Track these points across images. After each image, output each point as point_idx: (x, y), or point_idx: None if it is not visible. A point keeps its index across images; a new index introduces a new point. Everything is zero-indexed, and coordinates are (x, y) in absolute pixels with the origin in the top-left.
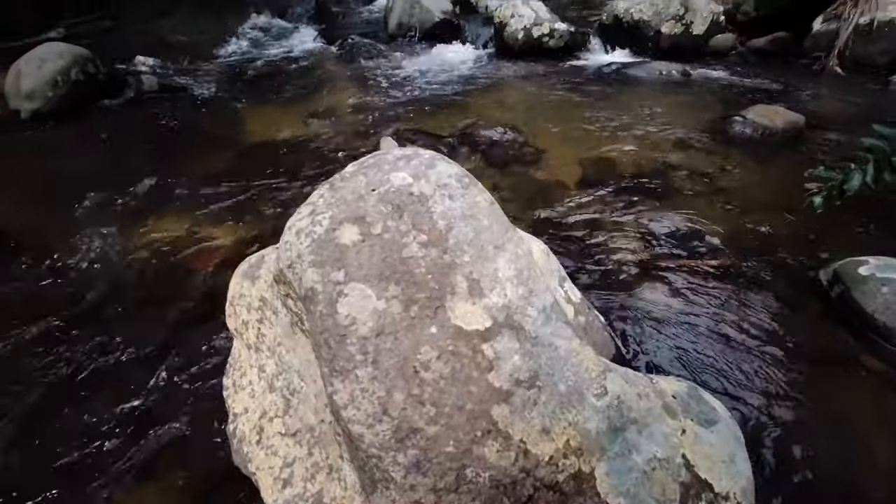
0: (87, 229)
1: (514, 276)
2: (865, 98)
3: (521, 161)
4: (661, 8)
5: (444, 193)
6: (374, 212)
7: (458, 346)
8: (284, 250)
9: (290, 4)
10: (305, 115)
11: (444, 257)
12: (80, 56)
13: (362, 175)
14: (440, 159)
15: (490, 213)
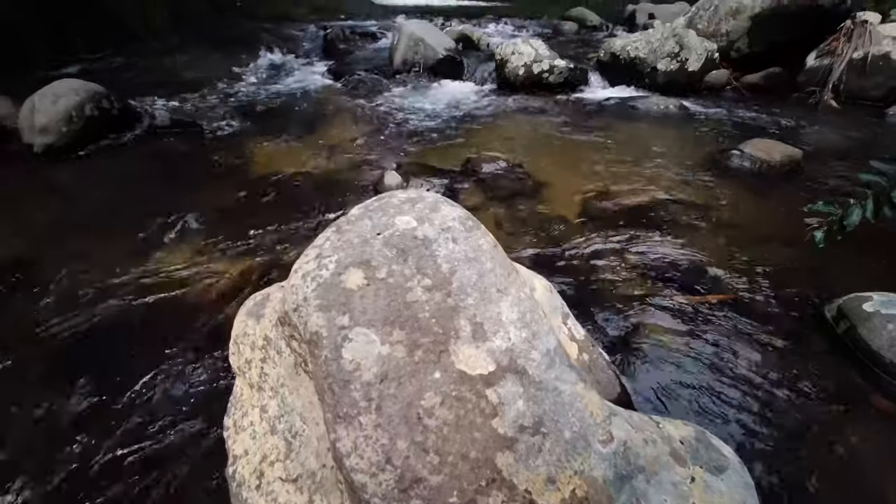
0: (93, 263)
1: (518, 319)
2: (861, 131)
3: (523, 194)
4: (657, 46)
5: (448, 237)
6: (380, 256)
7: (462, 392)
8: (290, 293)
9: (300, 42)
10: (312, 148)
11: (447, 301)
12: (96, 92)
13: (368, 219)
14: (444, 202)
15: (493, 256)
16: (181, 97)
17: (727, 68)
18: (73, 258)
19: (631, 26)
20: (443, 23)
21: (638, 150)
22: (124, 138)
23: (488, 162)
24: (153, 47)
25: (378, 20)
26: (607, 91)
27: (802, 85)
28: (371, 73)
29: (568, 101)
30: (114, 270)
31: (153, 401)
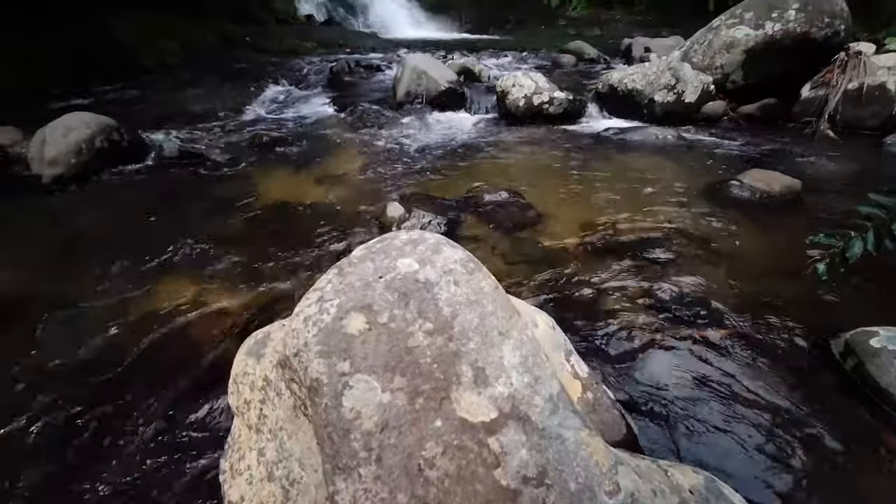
0: (95, 295)
1: (520, 363)
2: (859, 160)
3: (525, 225)
4: (653, 78)
5: (450, 279)
6: (381, 300)
7: (464, 441)
8: (292, 338)
9: (306, 74)
10: (316, 179)
11: (449, 345)
12: (107, 125)
13: (370, 261)
14: (445, 243)
15: (494, 299)
16: (190, 129)
17: (723, 99)
18: (75, 290)
19: (628, 59)
20: (445, 56)
21: (637, 181)
22: (132, 170)
23: (490, 193)
24: (165, 80)
25: (382, 53)
26: (606, 122)
27: (798, 115)
28: (375, 104)
29: (568, 131)
30: (115, 303)
31: (149, 439)
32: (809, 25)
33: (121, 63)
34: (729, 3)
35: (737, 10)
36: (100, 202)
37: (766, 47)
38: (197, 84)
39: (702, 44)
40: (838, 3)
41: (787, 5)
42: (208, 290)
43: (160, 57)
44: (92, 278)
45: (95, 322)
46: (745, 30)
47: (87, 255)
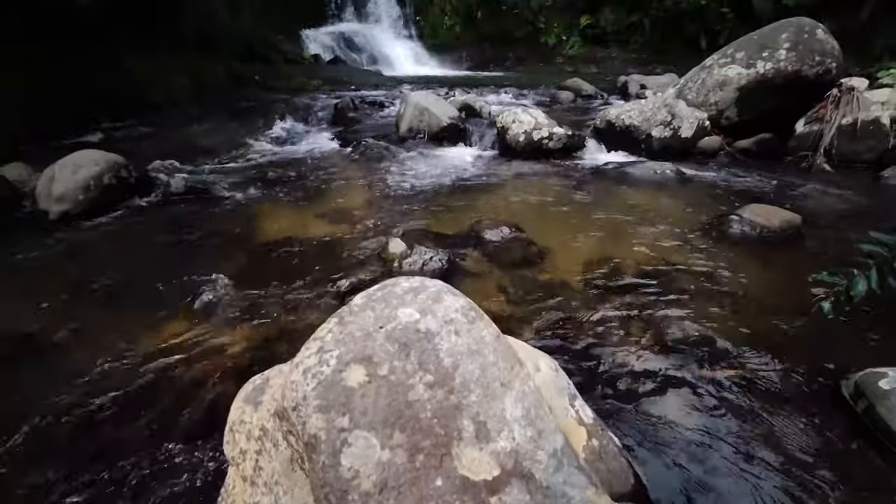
0: (95, 334)
1: (522, 416)
2: (858, 194)
3: (527, 261)
4: (650, 115)
5: (451, 329)
6: (382, 351)
7: (466, 501)
8: (290, 390)
9: (312, 111)
10: (319, 214)
11: (450, 398)
12: (115, 162)
13: (370, 310)
14: (446, 292)
15: (495, 348)
16: (197, 164)
17: (718, 135)
18: (75, 329)
19: (624, 95)
20: (447, 92)
21: (638, 215)
22: (139, 205)
23: (491, 228)
24: (175, 117)
25: (386, 90)
26: (605, 156)
27: (794, 149)
28: (378, 139)
29: (567, 165)
30: (114, 342)
31: (140, 485)
32: (801, 64)
33: (132, 100)
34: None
35: (728, 50)
36: (105, 239)
37: (759, 85)
38: (205, 120)
39: (695, 82)
40: (829, 42)
41: (777, 45)
42: (209, 327)
43: (171, 94)
44: (93, 316)
45: (94, 361)
46: (736, 69)
47: (89, 293)
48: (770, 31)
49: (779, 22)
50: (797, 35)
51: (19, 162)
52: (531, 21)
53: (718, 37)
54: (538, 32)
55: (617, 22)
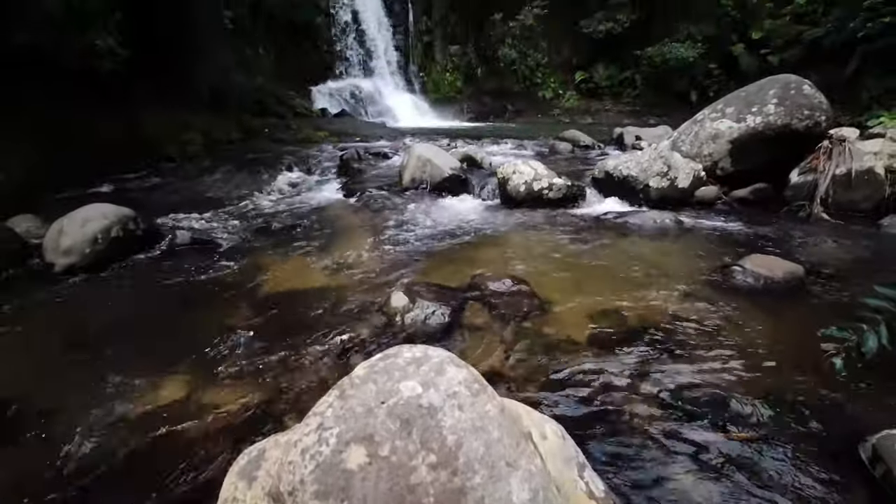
0: (91, 392)
1: (529, 499)
2: (858, 244)
3: (530, 315)
4: (646, 166)
5: (454, 403)
6: (383, 429)
7: None
8: (287, 472)
9: (318, 162)
10: (322, 266)
11: (454, 480)
12: (124, 216)
13: (372, 383)
14: (449, 362)
15: (500, 423)
16: (204, 216)
17: (715, 184)
18: (69, 386)
19: (620, 146)
20: (448, 143)
21: (639, 266)
22: (144, 258)
23: (493, 280)
24: (186, 169)
25: (390, 142)
26: (604, 206)
27: (790, 199)
28: (382, 190)
29: (568, 215)
30: (108, 402)
31: None
32: (790, 118)
33: (145, 153)
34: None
35: (718, 105)
36: (107, 293)
37: (750, 138)
38: (215, 172)
39: (688, 134)
40: (816, 97)
41: (765, 101)
42: (206, 387)
43: (183, 147)
44: (88, 373)
45: (86, 422)
46: (727, 122)
47: (85, 348)
48: (757, 87)
49: (765, 79)
50: (784, 91)
51: (30, 214)
52: (528, 77)
53: (708, 90)
54: (535, 87)
55: (610, 77)
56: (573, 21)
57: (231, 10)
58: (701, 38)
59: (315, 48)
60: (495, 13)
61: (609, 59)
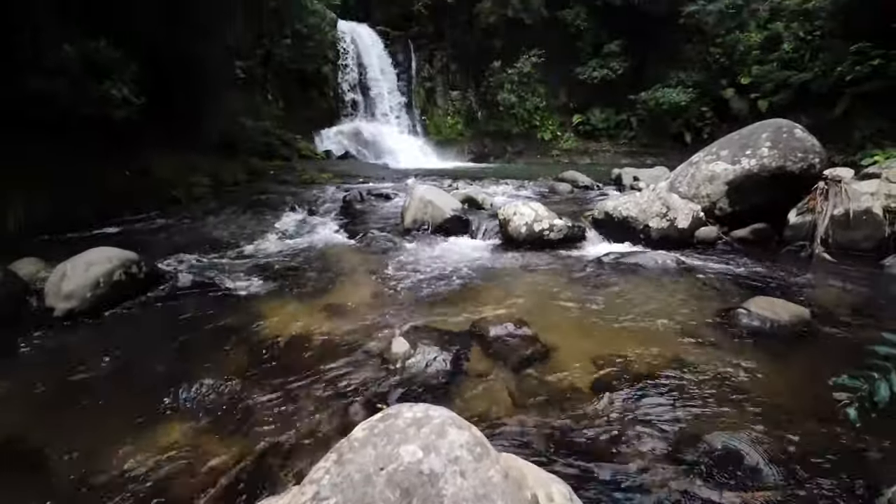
0: (76, 442)
1: None
2: (861, 284)
3: (533, 360)
4: (646, 207)
5: (456, 469)
6: (381, 500)
7: None
8: None
9: (321, 203)
10: (323, 309)
11: None
12: (128, 259)
13: (371, 447)
14: (451, 423)
15: (504, 491)
16: (207, 257)
17: (714, 224)
18: (57, 436)
19: (619, 186)
20: (449, 184)
21: (643, 308)
22: (145, 302)
23: (495, 324)
24: (191, 211)
25: (392, 183)
26: (605, 246)
27: (791, 239)
28: (384, 231)
29: (569, 256)
30: (97, 453)
31: None
32: (784, 160)
33: (153, 195)
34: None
35: (713, 148)
36: (104, 338)
37: (746, 179)
38: (220, 213)
39: (685, 176)
40: (808, 140)
41: (758, 144)
42: (200, 437)
43: (190, 190)
44: (77, 423)
45: (71, 474)
46: (723, 165)
47: (77, 397)
48: (749, 131)
49: (757, 124)
50: (776, 135)
51: (34, 257)
52: (527, 119)
53: (701, 132)
54: (534, 129)
55: (606, 120)
56: (569, 68)
57: (243, 60)
58: (691, 83)
59: (322, 94)
60: (494, 61)
61: (605, 102)
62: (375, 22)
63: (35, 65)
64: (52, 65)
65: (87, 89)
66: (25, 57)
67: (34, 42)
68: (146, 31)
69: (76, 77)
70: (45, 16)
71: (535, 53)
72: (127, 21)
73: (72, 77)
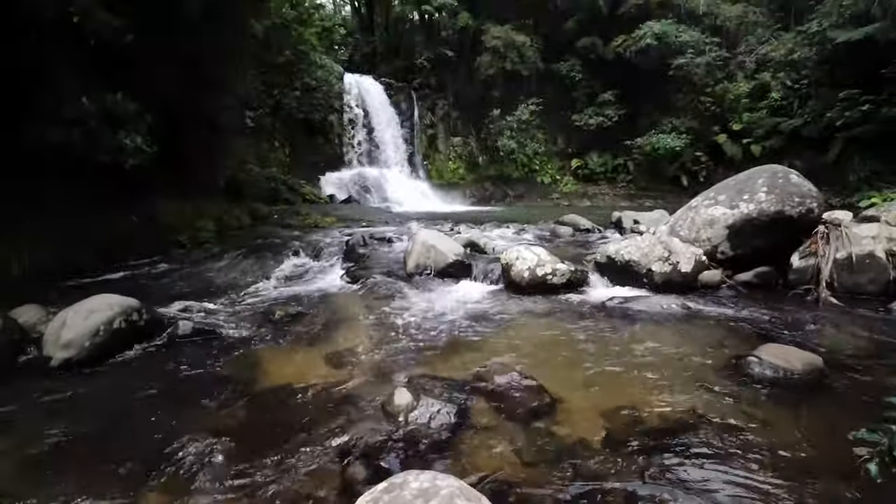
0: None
1: None
2: (871, 330)
3: (540, 413)
4: (647, 251)
5: None
6: None
7: None
8: None
9: (324, 247)
10: (323, 357)
11: None
12: (129, 307)
13: None
14: (460, 496)
15: None
16: (208, 303)
17: (717, 268)
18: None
19: (619, 229)
20: (451, 228)
21: (651, 356)
22: (143, 351)
23: (500, 373)
24: (195, 255)
25: (395, 227)
26: (608, 291)
27: (795, 283)
28: (386, 276)
29: (573, 301)
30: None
31: None
32: (782, 205)
33: (158, 240)
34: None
35: (710, 193)
36: (98, 390)
37: (746, 223)
38: (223, 258)
39: (685, 220)
40: (804, 185)
41: (755, 189)
42: (191, 499)
43: (195, 234)
44: (72, 482)
45: None
46: (721, 209)
47: (64, 454)
48: (745, 177)
49: (752, 170)
50: (772, 180)
51: (35, 304)
52: (527, 164)
53: (697, 175)
54: (534, 173)
55: (604, 164)
56: (566, 115)
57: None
58: (685, 129)
59: (327, 140)
60: (494, 109)
61: (602, 147)
62: (380, 74)
63: (54, 116)
64: (70, 116)
65: (103, 139)
66: (45, 108)
67: (55, 95)
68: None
69: (93, 128)
70: (67, 71)
71: (532, 102)
72: (146, 77)
73: (89, 128)
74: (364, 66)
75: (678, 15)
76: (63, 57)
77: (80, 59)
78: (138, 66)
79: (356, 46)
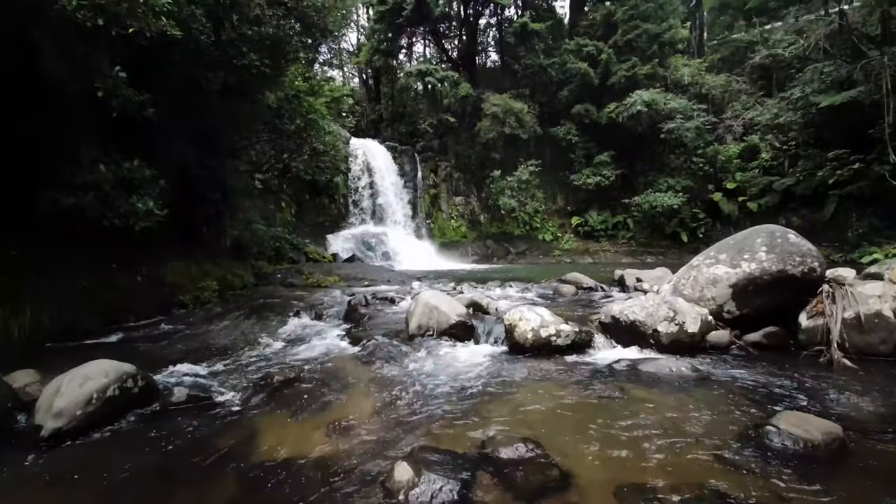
0: None
1: None
2: (889, 393)
3: (549, 489)
4: (652, 311)
5: None
6: None
7: None
8: None
9: (325, 307)
10: (321, 426)
11: None
12: (125, 373)
13: None
14: None
15: None
16: (205, 366)
17: (725, 328)
18: None
19: (622, 287)
20: (454, 287)
21: (662, 423)
22: (136, 419)
23: (506, 445)
24: (196, 316)
25: (397, 286)
26: (614, 352)
27: (806, 344)
28: (388, 337)
29: (578, 364)
30: None
31: None
32: (783, 264)
33: (161, 300)
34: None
35: (710, 252)
36: (86, 463)
37: (749, 283)
38: (224, 318)
39: (688, 279)
40: (804, 245)
41: (755, 249)
42: None
43: (198, 294)
44: None
45: None
46: (723, 268)
47: None
48: (744, 236)
49: (749, 230)
50: (771, 240)
51: (31, 369)
52: (528, 222)
53: (696, 231)
54: (535, 231)
55: (604, 221)
56: (564, 175)
57: (262, 174)
58: (681, 188)
59: (332, 200)
60: (495, 170)
61: (601, 205)
62: (385, 138)
63: (69, 182)
64: (85, 182)
65: (116, 203)
66: (62, 175)
67: (73, 162)
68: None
69: (107, 192)
70: (87, 139)
71: (531, 163)
72: (163, 145)
73: (103, 192)
74: (370, 131)
75: (665, 85)
76: (84, 128)
77: (99, 129)
78: (157, 134)
79: (363, 114)
